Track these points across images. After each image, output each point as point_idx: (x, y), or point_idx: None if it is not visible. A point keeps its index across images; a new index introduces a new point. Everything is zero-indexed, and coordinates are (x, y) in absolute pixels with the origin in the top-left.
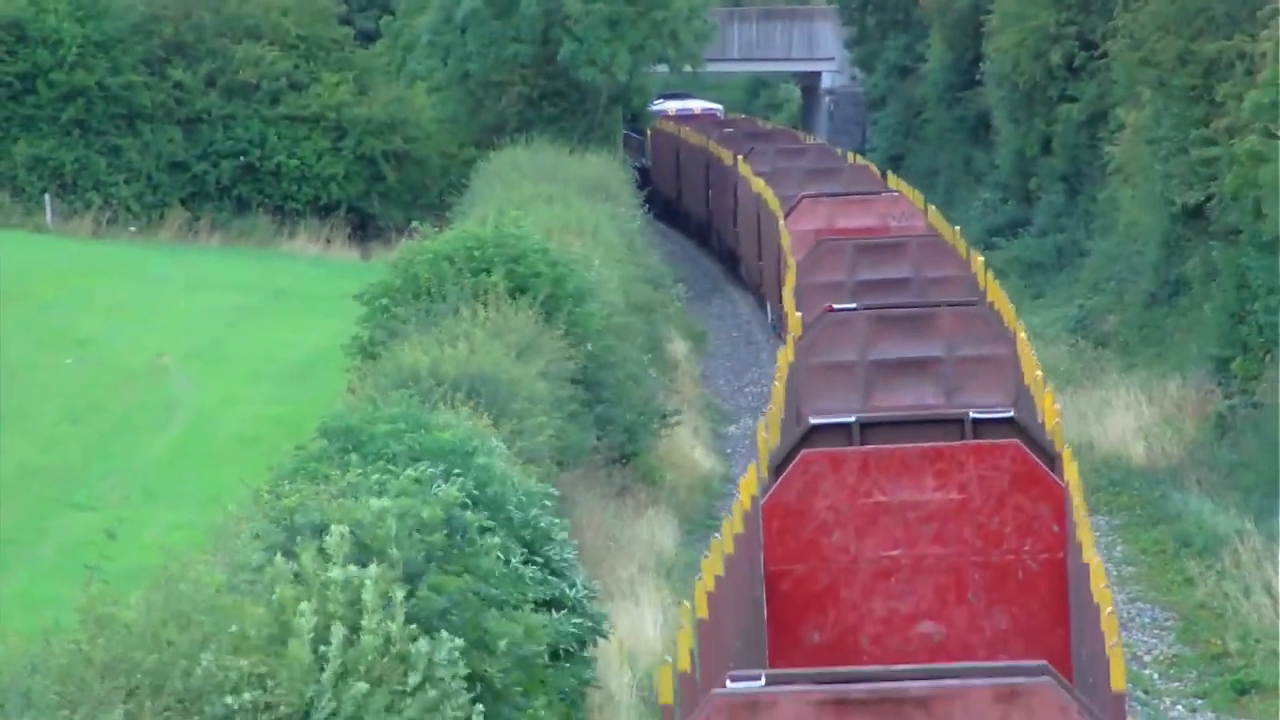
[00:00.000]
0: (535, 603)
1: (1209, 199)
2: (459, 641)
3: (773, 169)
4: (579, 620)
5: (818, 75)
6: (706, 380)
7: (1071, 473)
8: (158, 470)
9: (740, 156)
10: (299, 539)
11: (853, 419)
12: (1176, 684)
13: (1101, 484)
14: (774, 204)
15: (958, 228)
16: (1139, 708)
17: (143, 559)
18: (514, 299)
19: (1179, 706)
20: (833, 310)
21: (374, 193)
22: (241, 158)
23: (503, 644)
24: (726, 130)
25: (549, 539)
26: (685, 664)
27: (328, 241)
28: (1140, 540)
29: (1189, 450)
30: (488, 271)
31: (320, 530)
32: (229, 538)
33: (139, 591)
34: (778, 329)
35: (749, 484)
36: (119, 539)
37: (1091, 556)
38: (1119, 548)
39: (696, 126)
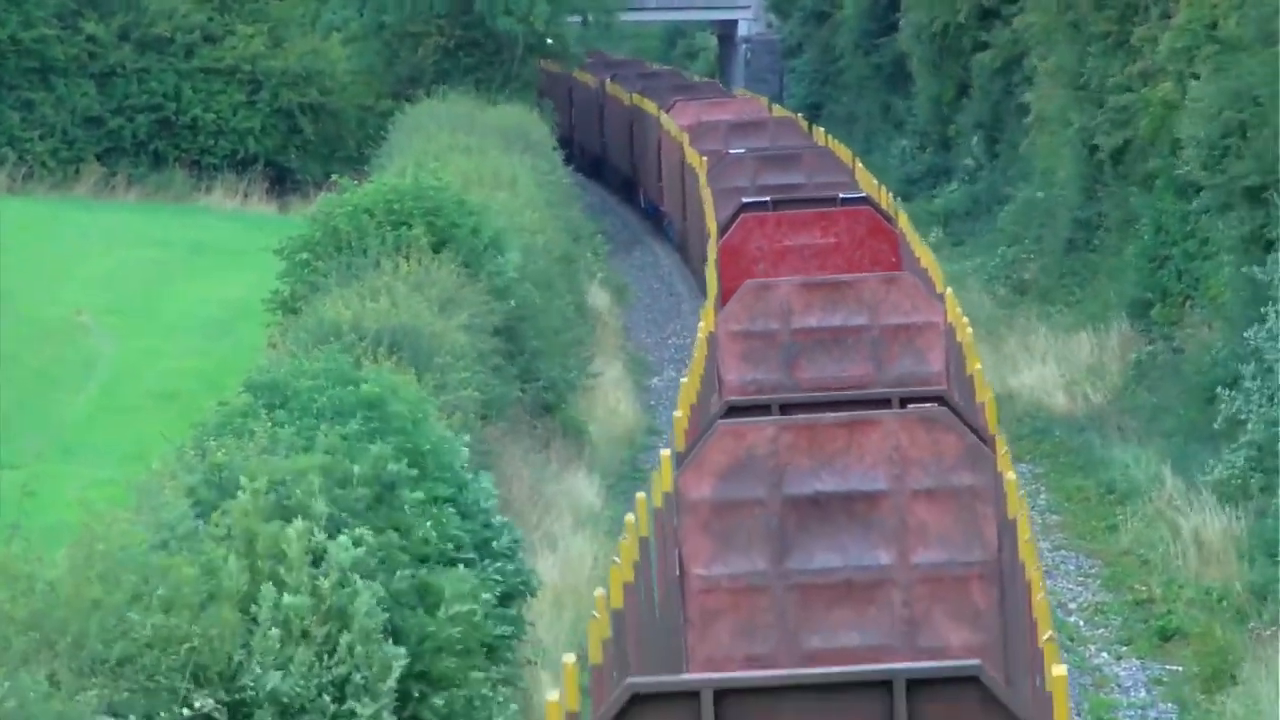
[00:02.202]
0: (464, 558)
1: (1126, 145)
2: (380, 589)
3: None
4: (507, 575)
5: (734, 23)
6: (629, 333)
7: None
8: (77, 427)
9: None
10: (228, 495)
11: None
12: (1101, 631)
13: (1024, 432)
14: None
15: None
16: (1064, 655)
17: (63, 516)
18: (435, 252)
19: (1104, 654)
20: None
21: (291, 146)
22: (157, 112)
23: (443, 605)
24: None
25: (475, 493)
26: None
27: (245, 196)
28: (1064, 488)
29: (1110, 397)
30: (408, 225)
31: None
32: (152, 494)
33: (61, 550)
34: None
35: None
36: (38, 496)
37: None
38: (1042, 496)
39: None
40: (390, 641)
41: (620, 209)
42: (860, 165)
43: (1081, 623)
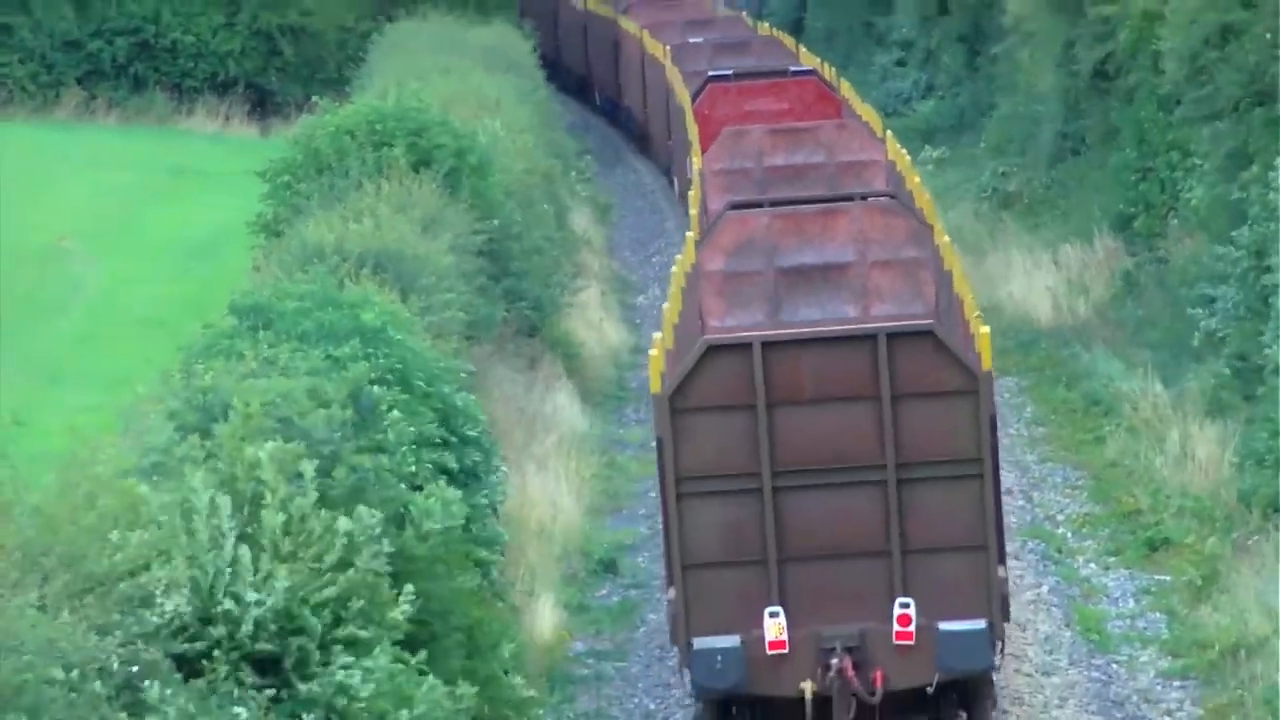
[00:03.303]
0: (450, 476)
1: (1108, 57)
2: (378, 515)
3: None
4: (493, 493)
5: None
6: (613, 252)
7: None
8: (62, 353)
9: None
10: (214, 419)
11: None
12: (1090, 542)
13: (1010, 345)
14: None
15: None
16: (1053, 566)
17: (49, 444)
18: (417, 173)
19: (1092, 565)
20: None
21: (271, 68)
22: (136, 35)
23: (426, 521)
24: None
25: (462, 414)
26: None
27: (226, 118)
28: (1050, 400)
29: (1096, 309)
30: (389, 145)
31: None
32: (138, 419)
33: (48, 476)
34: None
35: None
36: (24, 424)
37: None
38: (1028, 409)
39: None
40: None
41: (604, 128)
42: (804, 49)
43: (1069, 534)
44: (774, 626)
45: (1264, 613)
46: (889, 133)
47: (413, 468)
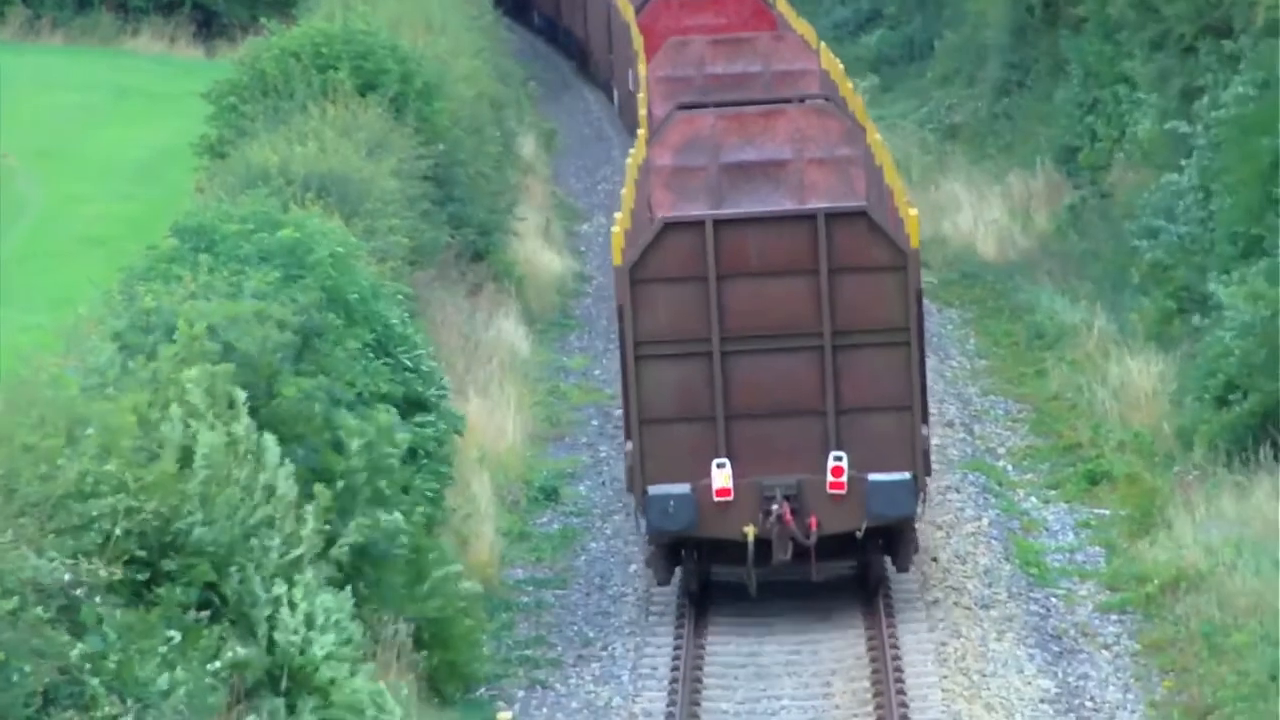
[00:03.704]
0: (391, 402)
1: None
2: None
3: None
4: (436, 419)
5: None
6: (558, 179)
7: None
8: (4, 271)
9: None
10: (158, 340)
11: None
12: (1030, 475)
13: (953, 278)
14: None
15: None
16: (993, 499)
17: None
18: (363, 96)
19: (1032, 498)
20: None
21: None
22: None
23: (355, 444)
24: None
25: (402, 338)
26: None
27: (172, 40)
28: (993, 333)
29: (1040, 242)
30: (335, 68)
31: (176, 331)
32: (81, 339)
33: None
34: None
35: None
36: None
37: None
38: (972, 340)
39: None
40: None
41: (551, 55)
42: (785, 5)
43: (1010, 467)
44: (721, 476)
45: (1202, 548)
46: (822, 44)
47: (354, 390)
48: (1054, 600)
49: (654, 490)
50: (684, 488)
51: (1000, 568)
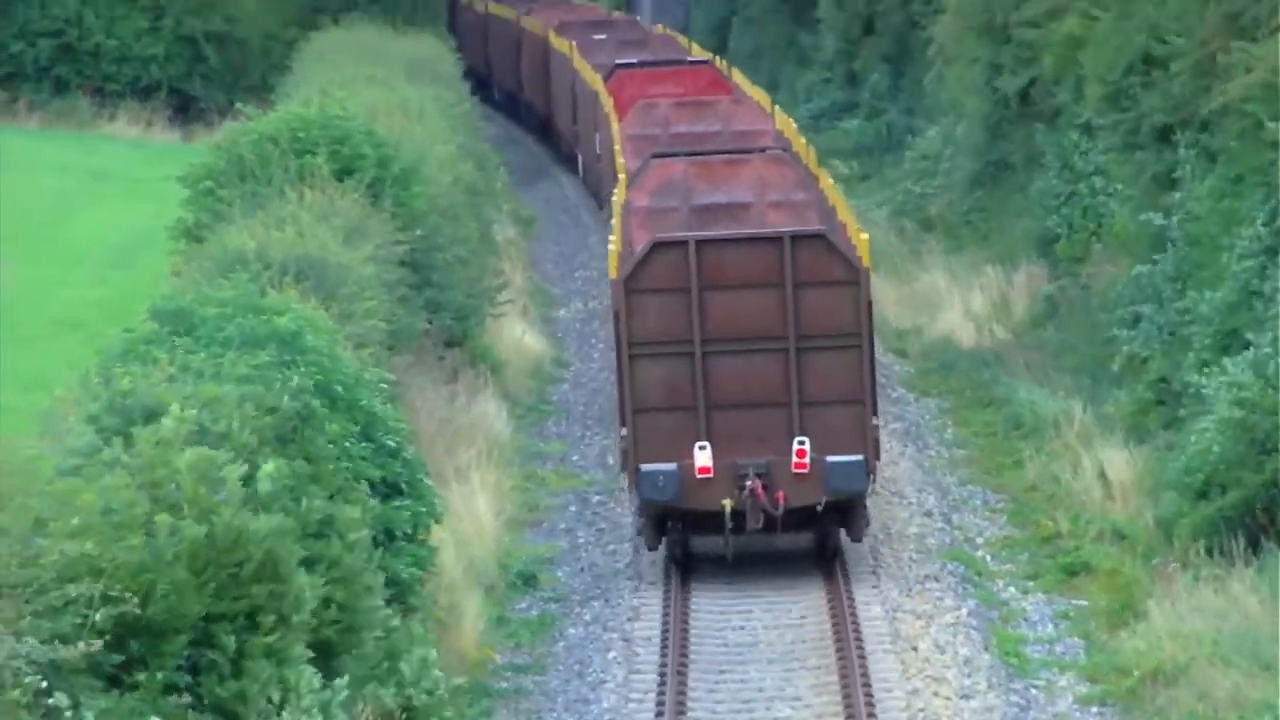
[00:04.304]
0: (371, 486)
1: (1032, 81)
2: (285, 520)
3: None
4: (413, 505)
5: None
6: (536, 265)
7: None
8: None
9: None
10: (134, 423)
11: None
12: (1009, 566)
13: (931, 367)
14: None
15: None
16: (972, 589)
17: None
18: (340, 181)
19: (1011, 588)
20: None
21: (195, 74)
22: (59, 37)
23: (350, 532)
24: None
25: (383, 424)
26: None
27: (149, 124)
28: (971, 423)
29: (1016, 333)
30: (312, 153)
31: (153, 414)
32: (57, 421)
33: None
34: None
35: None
36: None
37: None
38: (949, 430)
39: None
40: (301, 572)
41: (529, 142)
42: (696, 45)
43: (989, 557)
44: (702, 456)
45: (1181, 640)
46: (776, 106)
47: (337, 478)
48: (1034, 691)
49: (645, 468)
50: (671, 466)
51: (980, 658)
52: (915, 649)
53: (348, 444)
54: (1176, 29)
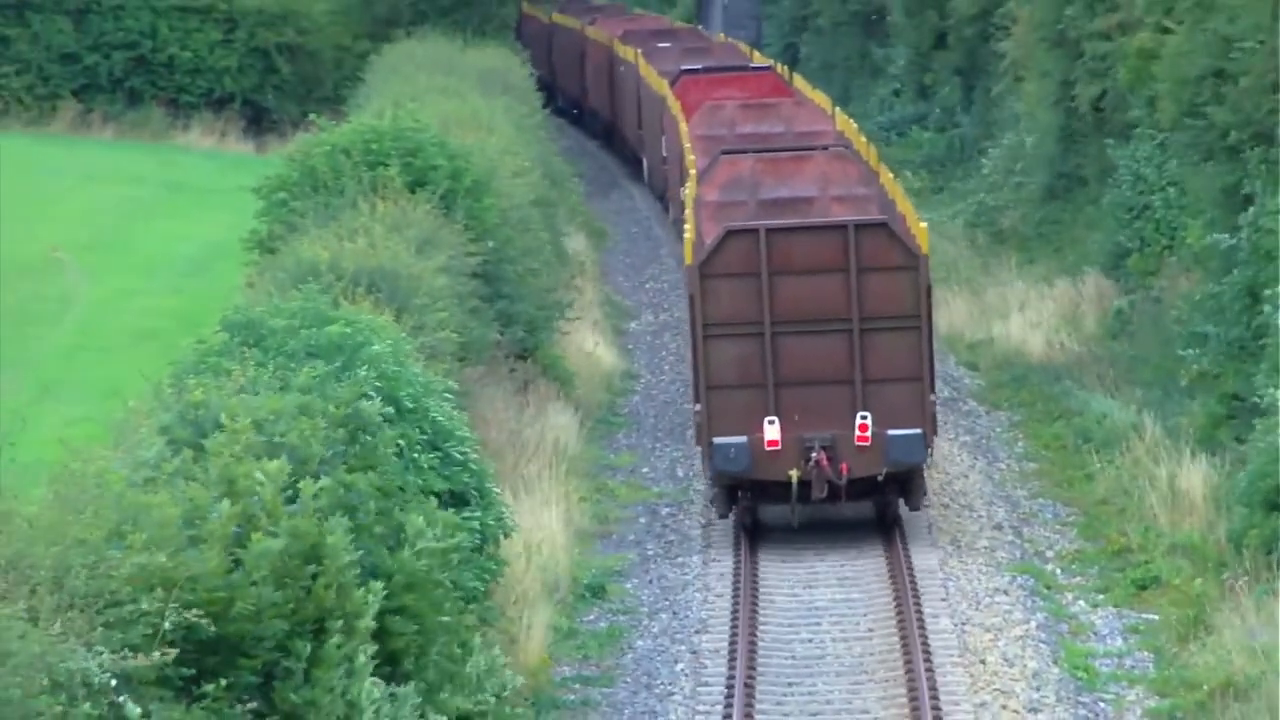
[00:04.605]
0: (438, 497)
1: (1104, 94)
2: (348, 524)
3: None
4: (482, 516)
5: None
6: (607, 277)
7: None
8: (54, 364)
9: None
10: (205, 434)
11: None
12: (1079, 579)
13: (1002, 380)
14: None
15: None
16: (1041, 602)
17: (41, 454)
18: (412, 193)
19: (1080, 602)
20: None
21: (268, 86)
22: (133, 49)
23: (420, 540)
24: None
25: (449, 433)
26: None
27: (222, 135)
28: (1041, 436)
29: (1088, 346)
30: (385, 165)
31: (223, 426)
32: (130, 432)
33: (40, 487)
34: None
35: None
36: (16, 434)
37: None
38: (1020, 443)
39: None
40: (366, 579)
41: (599, 154)
42: (758, 54)
43: (1059, 571)
44: (771, 430)
45: (1251, 654)
46: (836, 109)
47: (399, 484)
48: (1103, 705)
49: (718, 441)
50: (742, 439)
51: (1048, 671)
52: (984, 662)
53: (414, 454)
54: (1248, 42)
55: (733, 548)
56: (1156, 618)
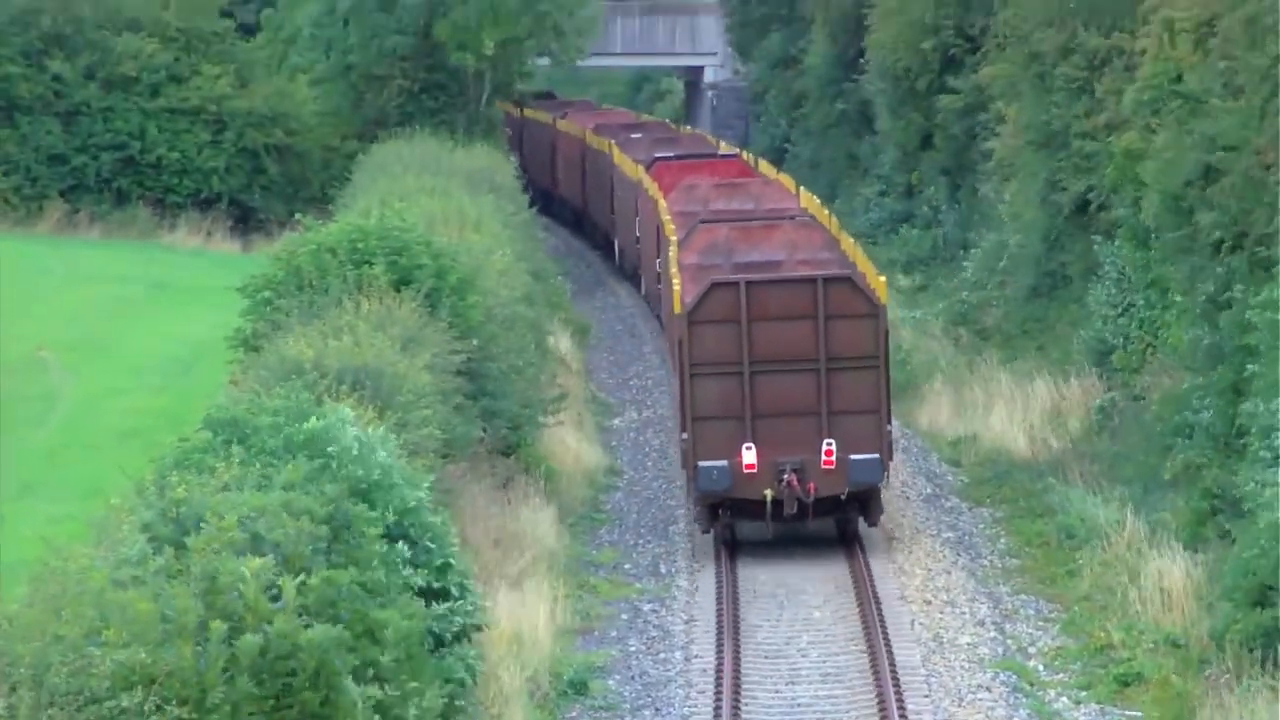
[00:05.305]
0: (417, 591)
1: (1089, 193)
2: (334, 628)
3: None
4: (459, 608)
5: (700, 69)
6: (591, 374)
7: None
8: (37, 463)
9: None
10: (187, 531)
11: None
12: (1061, 676)
13: (985, 476)
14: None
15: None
16: (1024, 699)
17: (23, 552)
18: (397, 291)
19: (1063, 699)
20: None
21: (255, 185)
22: (121, 150)
23: (388, 633)
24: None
25: (429, 529)
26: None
27: (209, 234)
28: (1024, 532)
29: (1071, 443)
30: (370, 263)
31: (206, 523)
32: (112, 530)
33: (21, 586)
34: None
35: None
36: None
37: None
38: (1003, 540)
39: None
40: (348, 679)
41: (586, 253)
42: (723, 142)
43: (1041, 667)
44: (749, 455)
45: None
46: (801, 188)
47: (382, 579)
48: None
49: (703, 464)
50: (723, 463)
51: None
52: None
53: (392, 548)
54: (1233, 143)
55: (715, 644)
56: (1140, 715)
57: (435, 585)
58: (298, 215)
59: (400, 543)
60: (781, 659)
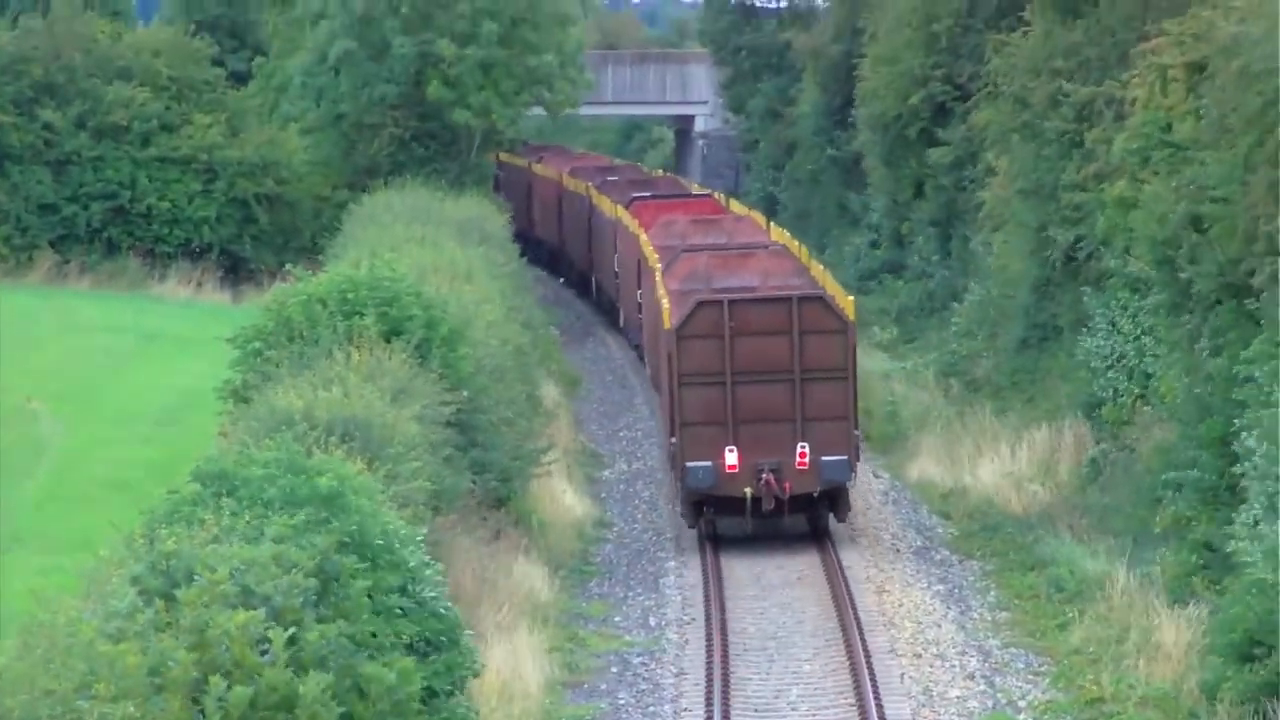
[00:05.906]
0: (408, 644)
1: (1079, 243)
2: (327, 679)
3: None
4: (451, 660)
5: (691, 119)
6: (581, 425)
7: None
8: (26, 514)
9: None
10: (176, 584)
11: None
12: None
13: (974, 529)
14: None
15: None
16: None
17: (12, 605)
18: (388, 342)
19: None
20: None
21: (246, 235)
22: (112, 200)
23: (376, 688)
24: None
25: (421, 581)
26: None
27: (199, 285)
28: (1014, 585)
29: (1061, 495)
30: (360, 314)
31: (196, 575)
32: (101, 582)
33: (10, 639)
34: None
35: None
36: None
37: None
38: (992, 593)
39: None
40: None
41: (575, 303)
42: (697, 185)
43: None
44: (731, 456)
45: None
46: (771, 223)
47: (371, 632)
48: None
49: (690, 464)
50: (708, 463)
51: None
52: None
53: (386, 599)
54: (1223, 194)
55: (705, 698)
56: None
57: (428, 637)
58: (288, 266)
59: (393, 594)
60: (771, 712)
